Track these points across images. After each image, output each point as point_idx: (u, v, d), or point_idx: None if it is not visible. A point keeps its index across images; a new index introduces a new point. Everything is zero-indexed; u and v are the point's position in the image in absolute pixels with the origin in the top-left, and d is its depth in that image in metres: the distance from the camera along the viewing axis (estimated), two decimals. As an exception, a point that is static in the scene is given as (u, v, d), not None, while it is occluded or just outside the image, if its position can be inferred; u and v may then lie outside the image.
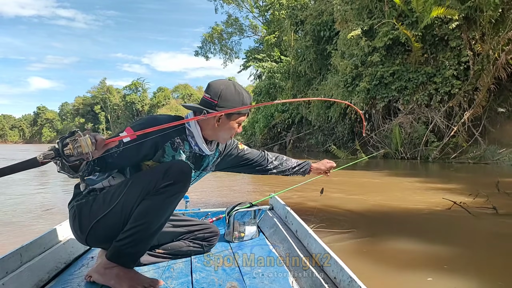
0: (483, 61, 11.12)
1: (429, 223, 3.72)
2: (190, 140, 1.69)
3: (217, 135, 1.72)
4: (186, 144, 1.69)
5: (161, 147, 1.60)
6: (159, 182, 1.49)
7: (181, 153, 1.67)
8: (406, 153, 12.01)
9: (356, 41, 13.46)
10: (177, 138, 1.65)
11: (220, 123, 1.67)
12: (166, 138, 1.60)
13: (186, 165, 1.60)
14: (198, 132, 1.68)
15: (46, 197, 5.89)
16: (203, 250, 2.00)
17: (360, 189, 5.97)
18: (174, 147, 1.65)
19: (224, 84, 1.67)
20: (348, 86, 13.83)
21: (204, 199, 5.26)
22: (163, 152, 1.61)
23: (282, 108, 21.28)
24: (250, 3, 33.31)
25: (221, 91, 1.64)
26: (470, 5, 11.15)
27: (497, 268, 2.47)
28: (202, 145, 1.70)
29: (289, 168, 2.22)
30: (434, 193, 5.31)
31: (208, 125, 1.68)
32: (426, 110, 12.06)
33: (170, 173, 1.50)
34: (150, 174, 1.54)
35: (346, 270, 1.37)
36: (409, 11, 12.33)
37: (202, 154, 1.76)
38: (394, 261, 2.60)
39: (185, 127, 1.68)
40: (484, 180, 6.82)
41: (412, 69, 12.48)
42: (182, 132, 1.67)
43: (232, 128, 1.70)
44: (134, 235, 1.50)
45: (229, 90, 1.65)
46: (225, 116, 1.65)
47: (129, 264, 1.57)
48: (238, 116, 1.69)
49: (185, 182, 1.56)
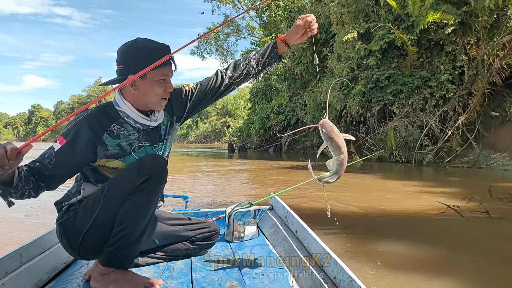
0: (478, 66, 11.20)
1: (423, 226, 3.74)
2: (128, 120, 1.54)
3: (145, 102, 1.53)
4: (127, 126, 1.55)
5: (99, 142, 1.48)
6: (135, 180, 1.44)
7: (127, 138, 1.54)
8: (401, 156, 12.06)
9: (352, 44, 13.50)
10: (114, 125, 1.52)
11: (138, 87, 1.49)
12: (100, 130, 1.49)
13: (157, 157, 1.55)
14: (129, 108, 1.53)
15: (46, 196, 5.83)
16: (204, 250, 1.99)
17: (354, 192, 5.98)
18: (115, 135, 1.51)
19: (128, 44, 1.50)
20: (343, 89, 13.87)
21: (204, 199, 5.26)
22: (104, 146, 1.49)
23: (278, 110, 21.28)
24: (247, 5, 33.30)
25: (124, 52, 1.49)
26: (466, 10, 11.24)
27: (489, 271, 2.49)
28: (141, 120, 1.55)
29: (250, 64, 1.77)
30: (428, 197, 5.33)
31: (133, 96, 1.52)
32: (421, 114, 12.12)
33: (143, 169, 1.45)
34: (124, 175, 1.49)
35: (346, 270, 1.38)
36: (405, 15, 12.40)
37: (149, 127, 1.60)
38: (388, 263, 2.60)
39: (117, 110, 1.54)
40: (477, 184, 6.86)
41: (407, 73, 12.54)
42: (117, 116, 1.54)
43: (154, 88, 1.50)
44: (123, 237, 1.48)
45: (132, 49, 1.49)
46: (139, 79, 1.45)
47: (125, 265, 1.55)
48: (153, 73, 1.46)
49: (161, 173, 1.50)
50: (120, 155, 1.54)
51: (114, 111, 1.54)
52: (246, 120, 27.85)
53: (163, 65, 1.44)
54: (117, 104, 1.54)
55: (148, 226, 1.57)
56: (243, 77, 1.78)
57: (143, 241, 1.59)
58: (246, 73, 1.77)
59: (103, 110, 1.54)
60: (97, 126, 1.48)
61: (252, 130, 23.24)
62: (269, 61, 1.78)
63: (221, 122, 48.32)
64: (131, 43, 1.51)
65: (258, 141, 22.75)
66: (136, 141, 1.57)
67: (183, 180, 7.81)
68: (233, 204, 2.36)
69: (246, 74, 1.78)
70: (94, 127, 1.47)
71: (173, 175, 8.51)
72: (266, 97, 24.66)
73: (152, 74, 1.46)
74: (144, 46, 1.49)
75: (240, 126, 29.39)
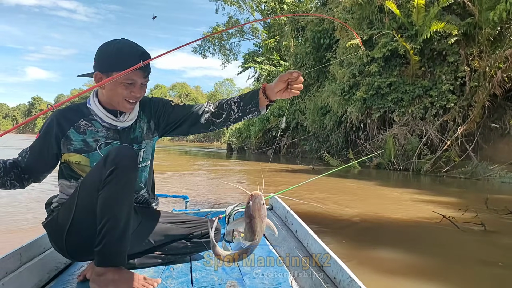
0: (479, 78, 11.22)
1: (418, 235, 3.74)
2: (96, 118, 1.58)
3: (110, 100, 1.55)
4: (96, 123, 1.58)
5: (63, 136, 1.55)
6: (103, 172, 1.42)
7: (93, 134, 1.57)
8: (399, 164, 12.06)
9: (355, 50, 13.53)
10: (82, 121, 1.57)
11: (104, 86, 1.51)
12: (66, 125, 1.55)
13: (123, 147, 1.54)
14: (97, 107, 1.56)
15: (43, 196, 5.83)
16: (204, 248, 1.92)
17: (351, 197, 5.99)
18: (81, 130, 1.56)
19: (106, 42, 1.53)
20: (344, 95, 13.89)
21: (204, 199, 5.26)
22: (68, 140, 1.55)
23: (278, 113, 21.30)
24: (252, 6, 33.35)
25: (99, 49, 1.52)
26: (470, 21, 11.27)
27: (480, 284, 2.49)
28: (107, 119, 1.57)
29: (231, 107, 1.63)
30: (424, 206, 5.34)
31: (100, 94, 1.57)
32: (420, 122, 12.13)
33: (109, 160, 1.43)
34: (93, 170, 1.51)
35: (346, 270, 1.38)
36: (409, 24, 12.43)
37: (118, 127, 1.61)
38: (380, 269, 2.61)
39: (87, 107, 1.59)
40: (474, 195, 6.87)
41: (409, 81, 12.56)
42: (87, 113, 1.58)
43: (118, 89, 1.49)
44: (107, 233, 1.44)
45: (107, 46, 1.50)
46: (105, 76, 1.48)
47: (119, 263, 1.51)
48: (124, 76, 1.44)
49: (127, 162, 1.45)
50: (83, 150, 1.57)
51: (86, 108, 1.60)
52: (246, 121, 27.85)
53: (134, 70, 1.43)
54: (89, 102, 1.60)
55: (130, 216, 1.51)
56: (223, 119, 1.65)
57: (130, 235, 1.54)
58: (226, 115, 1.64)
59: (75, 107, 1.63)
60: (64, 121, 1.56)
61: (252, 132, 23.25)
62: (249, 109, 1.60)
63: (221, 122, 48.23)
64: (109, 42, 1.53)
65: (257, 143, 22.77)
66: (103, 138, 1.59)
67: (182, 179, 7.81)
68: (233, 204, 2.36)
69: (226, 117, 1.65)
70: (61, 121, 1.55)
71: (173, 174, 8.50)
72: (266, 99, 24.64)
73: (117, 74, 1.45)
74: (118, 47, 1.49)
75: (239, 127, 29.36)
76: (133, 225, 1.58)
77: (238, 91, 59.88)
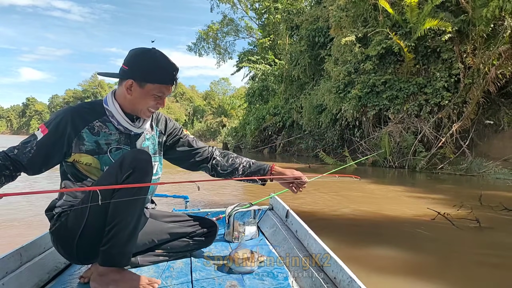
0: (473, 75, 11.27)
1: (413, 232, 3.75)
2: (112, 120, 1.57)
3: (132, 107, 1.57)
4: (110, 125, 1.57)
5: (76, 135, 1.50)
6: (119, 176, 1.42)
7: (106, 136, 1.56)
8: (395, 161, 12.11)
9: (350, 47, 13.55)
10: (97, 122, 1.55)
11: (132, 92, 1.52)
12: (81, 124, 1.51)
13: (138, 151, 1.54)
14: (116, 109, 1.56)
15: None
16: (204, 246, 1.98)
17: (347, 196, 6.00)
18: (95, 131, 1.53)
19: (141, 50, 1.53)
20: (340, 93, 13.91)
21: (204, 199, 5.26)
22: (81, 140, 1.51)
23: (273, 111, 21.31)
24: (246, 4, 33.33)
25: (134, 56, 1.52)
26: (463, 18, 11.31)
27: (476, 279, 2.50)
28: (124, 123, 1.57)
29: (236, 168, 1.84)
30: (419, 203, 5.36)
31: (123, 98, 1.56)
32: (415, 120, 12.18)
33: (125, 164, 1.43)
34: (107, 173, 1.49)
35: (346, 270, 1.39)
36: (403, 21, 12.46)
37: (131, 133, 1.62)
38: (375, 266, 2.61)
39: (103, 108, 1.57)
40: (469, 192, 6.90)
41: (403, 79, 12.59)
42: (102, 113, 1.56)
43: (147, 99, 1.54)
44: (116, 234, 1.46)
45: (143, 57, 1.52)
46: (137, 85, 1.50)
47: (122, 264, 1.54)
48: (153, 86, 1.52)
49: (144, 166, 1.48)
50: (95, 152, 1.54)
51: (101, 108, 1.57)
52: (242, 120, 27.85)
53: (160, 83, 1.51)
54: (106, 102, 1.58)
55: (140, 221, 1.56)
56: (226, 173, 1.85)
57: (137, 237, 1.58)
58: (230, 172, 1.84)
59: (90, 105, 1.59)
60: (79, 120, 1.51)
61: (248, 131, 23.25)
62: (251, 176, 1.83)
63: (217, 121, 48.23)
64: (145, 51, 1.53)
65: (253, 141, 22.76)
66: (115, 142, 1.58)
67: (182, 178, 7.78)
68: (233, 204, 2.37)
69: (229, 173, 1.85)
70: (76, 120, 1.50)
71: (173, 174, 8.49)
72: (262, 98, 24.69)
73: (151, 86, 1.51)
74: (155, 59, 1.52)
75: (235, 126, 29.38)
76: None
77: (233, 90, 59.82)
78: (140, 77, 1.50)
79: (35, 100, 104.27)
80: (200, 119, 56.23)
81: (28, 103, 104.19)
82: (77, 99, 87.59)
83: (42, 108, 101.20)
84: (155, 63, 1.51)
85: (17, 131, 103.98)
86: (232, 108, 46.09)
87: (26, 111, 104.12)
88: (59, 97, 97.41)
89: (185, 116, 64.47)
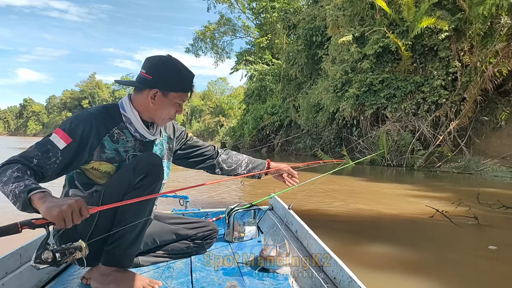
0: (470, 73, 11.30)
1: (412, 230, 3.75)
2: (129, 127, 1.55)
3: (153, 115, 1.57)
4: (127, 132, 1.56)
5: (99, 143, 1.47)
6: (132, 179, 1.43)
7: (124, 144, 1.55)
8: (392, 160, 12.12)
9: (347, 47, 13.56)
10: (116, 129, 1.52)
11: (156, 101, 1.52)
12: (102, 132, 1.48)
13: (152, 155, 1.55)
14: (135, 117, 1.54)
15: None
16: (204, 249, 2.00)
17: (346, 194, 6.00)
18: (115, 139, 1.52)
19: (161, 59, 1.53)
20: (337, 92, 13.91)
21: (204, 199, 5.25)
22: (102, 148, 1.48)
23: (271, 111, 21.31)
24: (243, 4, 33.30)
25: (157, 65, 1.52)
26: (460, 17, 11.33)
27: (474, 276, 2.50)
28: (142, 130, 1.57)
29: (240, 164, 2.03)
30: (417, 201, 5.36)
31: (143, 106, 1.55)
32: (413, 118, 12.19)
33: (139, 168, 1.44)
34: (120, 175, 1.47)
35: (346, 270, 1.38)
36: (400, 20, 12.48)
37: (145, 139, 1.62)
38: (374, 264, 2.61)
39: (121, 114, 1.55)
40: (467, 190, 6.91)
41: (401, 77, 12.61)
42: (119, 120, 1.54)
43: (169, 107, 1.55)
44: (122, 236, 1.47)
45: (166, 65, 1.52)
46: (161, 94, 1.51)
47: (125, 264, 1.54)
48: (176, 94, 1.54)
49: (157, 171, 1.50)
50: (115, 160, 1.52)
51: (117, 114, 1.55)
52: (240, 120, 27.84)
53: (185, 90, 1.56)
54: (123, 108, 1.55)
55: (147, 225, 1.58)
56: (230, 169, 2.01)
57: (141, 241, 1.59)
58: (235, 167, 2.02)
59: (107, 111, 1.54)
60: (102, 127, 1.48)
61: (245, 130, 23.23)
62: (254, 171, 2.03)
63: (215, 121, 48.21)
64: (167, 60, 1.53)
65: (251, 141, 22.75)
66: (131, 149, 1.57)
67: (181, 178, 7.77)
68: (233, 204, 2.36)
69: (234, 169, 2.02)
70: (99, 128, 1.47)
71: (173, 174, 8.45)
72: (260, 98, 24.68)
73: (174, 95, 1.53)
74: (178, 68, 1.54)
75: (233, 126, 29.35)
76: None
77: (231, 90, 59.75)
78: (164, 86, 1.51)
79: (32, 101, 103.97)
80: (198, 119, 56.21)
81: (25, 104, 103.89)
82: (75, 99, 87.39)
83: (39, 109, 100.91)
84: (178, 72, 1.53)
85: (14, 132, 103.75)
86: (230, 108, 46.09)
87: (23, 112, 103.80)
88: (56, 98, 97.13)
89: (183, 116, 64.45)
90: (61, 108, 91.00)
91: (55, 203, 1.13)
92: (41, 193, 1.16)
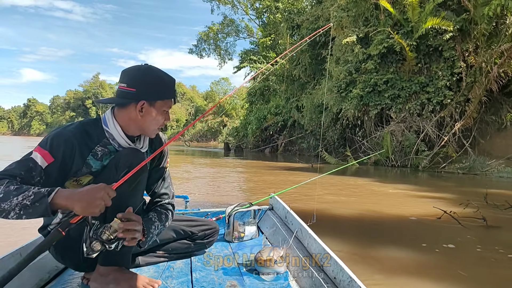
0: (475, 73, 11.26)
1: (419, 231, 3.74)
2: (112, 142, 1.50)
3: (143, 127, 1.53)
4: (111, 147, 1.51)
5: (83, 164, 1.44)
6: (116, 176, 1.38)
7: (109, 159, 1.50)
8: (397, 161, 12.10)
9: (351, 47, 13.54)
10: (98, 146, 1.48)
11: (144, 113, 1.48)
12: (86, 152, 1.44)
13: (130, 149, 1.50)
14: (118, 132, 1.50)
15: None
16: (205, 248, 2.01)
17: (349, 195, 5.98)
18: (99, 157, 1.48)
19: (140, 69, 1.49)
20: (341, 92, 13.90)
21: (204, 199, 5.26)
22: (88, 167, 1.46)
23: (275, 111, 21.31)
24: (246, 5, 33.31)
25: (137, 76, 1.47)
26: (465, 17, 11.31)
27: (484, 279, 2.49)
28: (126, 145, 1.52)
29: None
30: (423, 202, 5.34)
31: (129, 120, 1.50)
32: (417, 119, 12.17)
33: (121, 163, 1.43)
34: (104, 175, 1.45)
35: (346, 270, 1.39)
36: (404, 20, 12.45)
37: None
38: (381, 266, 2.60)
39: (103, 130, 1.50)
40: (472, 190, 6.89)
41: (405, 78, 12.59)
42: (102, 137, 1.49)
43: (158, 116, 1.51)
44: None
45: (147, 74, 1.48)
46: (148, 104, 1.47)
47: (124, 263, 1.54)
48: (163, 102, 1.50)
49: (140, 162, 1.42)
50: (99, 173, 1.49)
51: (99, 129, 1.49)
52: (243, 120, 27.86)
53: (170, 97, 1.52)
54: (105, 124, 1.50)
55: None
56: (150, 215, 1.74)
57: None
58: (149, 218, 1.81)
59: (87, 130, 1.48)
60: (84, 148, 1.44)
61: (249, 130, 23.25)
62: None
63: (218, 121, 48.27)
64: (145, 68, 1.49)
65: (255, 141, 22.77)
66: None
67: (181, 178, 7.79)
68: (233, 204, 2.37)
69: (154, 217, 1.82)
70: (82, 148, 1.43)
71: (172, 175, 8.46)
72: (263, 98, 24.70)
73: (160, 103, 1.49)
74: (159, 75, 1.50)
75: (236, 126, 29.39)
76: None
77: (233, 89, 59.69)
78: (151, 96, 1.47)
79: (36, 101, 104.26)
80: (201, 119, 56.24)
81: (29, 104, 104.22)
82: (78, 99, 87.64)
83: (43, 109, 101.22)
84: (161, 79, 1.50)
85: (18, 132, 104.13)
86: (233, 108, 46.10)
87: (27, 112, 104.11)
88: (60, 98, 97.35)
89: (188, 116, 64.53)
90: (65, 108, 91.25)
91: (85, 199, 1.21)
92: (60, 193, 1.21)
